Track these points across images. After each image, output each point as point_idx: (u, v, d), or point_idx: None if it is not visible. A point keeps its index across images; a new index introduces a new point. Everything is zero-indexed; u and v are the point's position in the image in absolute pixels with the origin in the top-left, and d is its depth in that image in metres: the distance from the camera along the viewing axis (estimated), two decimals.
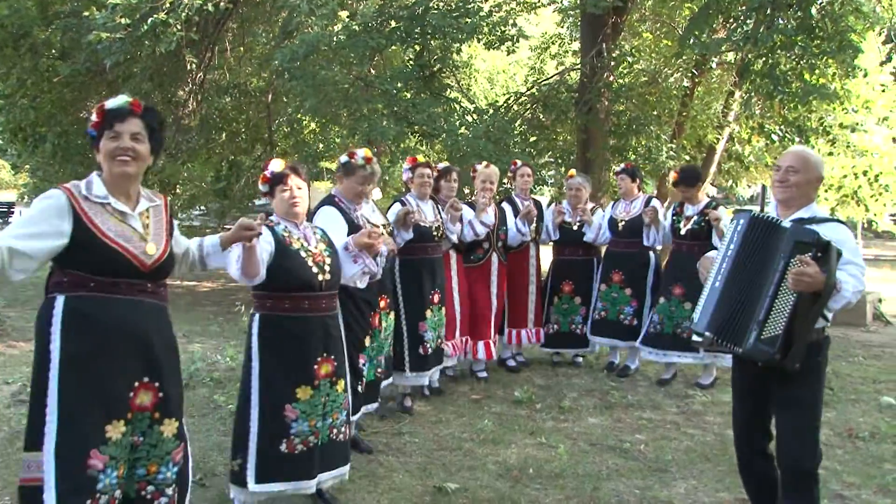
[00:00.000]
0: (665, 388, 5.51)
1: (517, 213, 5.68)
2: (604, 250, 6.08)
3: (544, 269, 6.20)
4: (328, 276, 3.13)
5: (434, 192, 5.01)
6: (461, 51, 10.15)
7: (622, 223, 5.80)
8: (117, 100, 2.40)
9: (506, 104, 10.17)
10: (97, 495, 2.25)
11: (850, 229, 2.85)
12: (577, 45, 10.72)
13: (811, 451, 2.71)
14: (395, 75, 8.22)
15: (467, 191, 7.17)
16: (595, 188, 7.51)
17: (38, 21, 8.89)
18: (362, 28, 7.56)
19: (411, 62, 8.83)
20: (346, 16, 7.64)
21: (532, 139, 9.89)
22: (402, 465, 3.93)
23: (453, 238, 5.10)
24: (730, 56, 9.20)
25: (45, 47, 9.26)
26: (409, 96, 8.10)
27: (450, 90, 9.87)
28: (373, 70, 8.93)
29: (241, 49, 10.95)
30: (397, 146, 8.72)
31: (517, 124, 9.48)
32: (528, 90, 10.77)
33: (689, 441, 4.39)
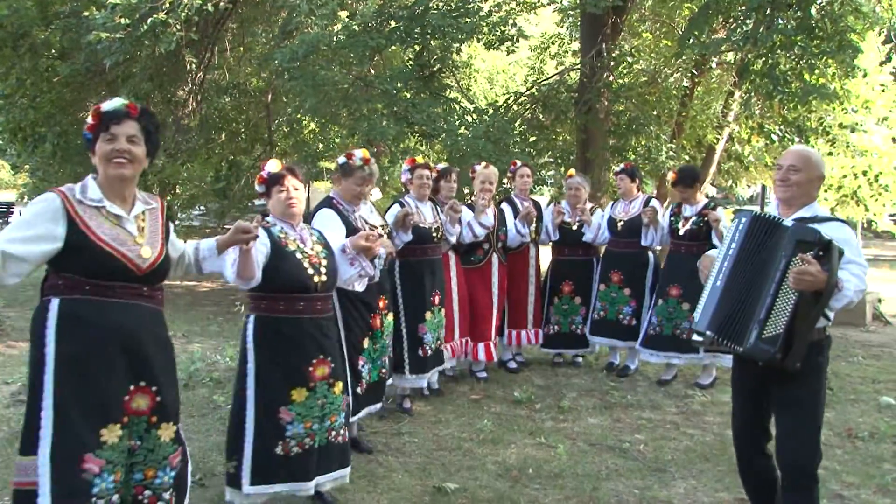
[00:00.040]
0: (664, 388, 5.50)
1: (517, 214, 5.68)
2: (603, 250, 6.08)
3: (543, 269, 6.20)
4: (324, 278, 3.12)
5: (433, 193, 5.00)
6: (461, 51, 10.13)
7: (621, 223, 5.79)
8: (113, 102, 2.39)
9: (505, 104, 10.15)
10: (93, 499, 2.24)
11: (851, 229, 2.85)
12: (576, 45, 10.71)
13: (811, 452, 2.70)
14: (395, 75, 8.21)
15: (467, 191, 7.17)
16: (594, 188, 7.51)
17: (37, 21, 8.87)
18: (362, 28, 7.55)
19: (411, 62, 8.82)
20: (346, 16, 7.63)
21: (532, 139, 9.87)
22: (402, 465, 3.93)
23: (452, 239, 5.10)
24: (729, 56, 9.19)
25: (45, 47, 9.24)
26: (408, 96, 8.09)
27: (449, 90, 9.86)
28: (372, 70, 8.92)
29: (241, 49, 10.94)
30: (397, 146, 8.72)
31: (517, 124, 9.46)
32: (528, 90, 10.74)
33: (688, 441, 4.39)
